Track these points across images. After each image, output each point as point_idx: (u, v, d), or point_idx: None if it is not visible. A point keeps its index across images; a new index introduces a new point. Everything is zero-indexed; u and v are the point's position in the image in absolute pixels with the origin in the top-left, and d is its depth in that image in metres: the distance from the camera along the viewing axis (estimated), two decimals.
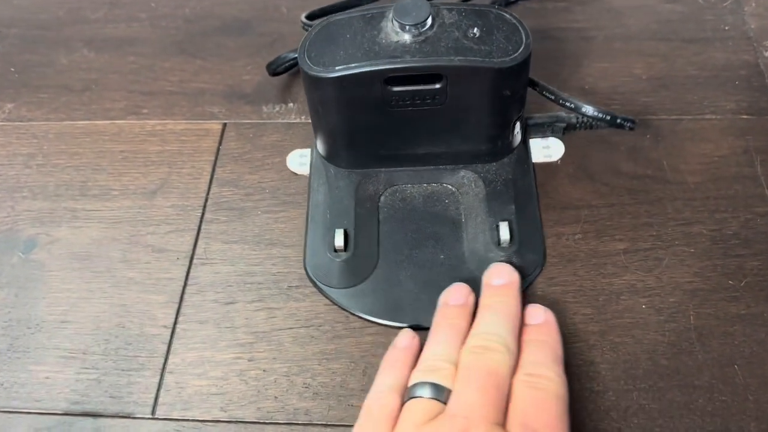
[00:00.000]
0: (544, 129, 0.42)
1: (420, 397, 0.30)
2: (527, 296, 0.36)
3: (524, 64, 0.34)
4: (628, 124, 0.39)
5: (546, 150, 0.41)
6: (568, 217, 0.39)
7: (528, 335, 0.33)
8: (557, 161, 0.41)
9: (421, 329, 0.35)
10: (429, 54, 0.34)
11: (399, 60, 0.34)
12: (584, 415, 0.33)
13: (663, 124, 0.43)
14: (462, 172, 0.40)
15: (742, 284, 0.36)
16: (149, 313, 0.37)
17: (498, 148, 0.39)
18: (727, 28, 0.48)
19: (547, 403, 0.30)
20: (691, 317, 0.35)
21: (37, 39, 0.52)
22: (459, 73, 0.34)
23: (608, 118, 0.39)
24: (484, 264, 0.37)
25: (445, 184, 0.40)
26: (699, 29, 0.48)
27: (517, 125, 0.39)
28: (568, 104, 0.38)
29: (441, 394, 0.30)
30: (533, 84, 0.38)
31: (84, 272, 0.39)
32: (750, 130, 0.42)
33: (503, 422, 0.29)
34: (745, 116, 0.43)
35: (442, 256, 0.37)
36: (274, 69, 0.46)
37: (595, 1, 0.50)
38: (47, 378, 0.36)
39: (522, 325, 0.33)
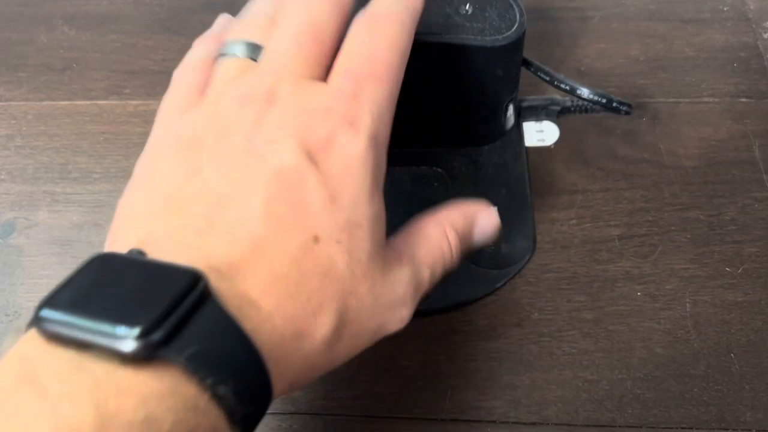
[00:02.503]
0: (538, 112, 0.40)
1: (232, 55, 0.27)
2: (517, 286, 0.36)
3: (518, 43, 0.33)
4: (624, 108, 0.38)
5: (540, 134, 0.40)
6: (563, 203, 0.38)
7: None
8: (551, 145, 0.40)
9: None
10: (419, 31, 0.32)
11: None
12: (577, 405, 0.32)
13: (660, 107, 0.42)
14: (452, 155, 0.39)
15: (739, 271, 0.35)
16: None
17: (490, 130, 0.38)
18: (726, 9, 0.47)
19: (386, 50, 0.26)
20: (687, 305, 0.34)
21: (16, 16, 0.50)
22: (449, 50, 0.33)
23: (604, 101, 0.38)
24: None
25: (434, 167, 0.39)
26: (698, 10, 0.47)
27: (510, 107, 0.38)
28: (563, 86, 0.37)
29: (256, 52, 0.26)
30: (527, 64, 0.37)
31: (64, 257, 0.38)
32: (749, 113, 0.41)
33: (323, 76, 0.26)
34: (743, 99, 0.42)
35: None
36: None
37: None
38: None
39: None
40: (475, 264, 0.36)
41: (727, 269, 0.35)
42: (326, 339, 0.23)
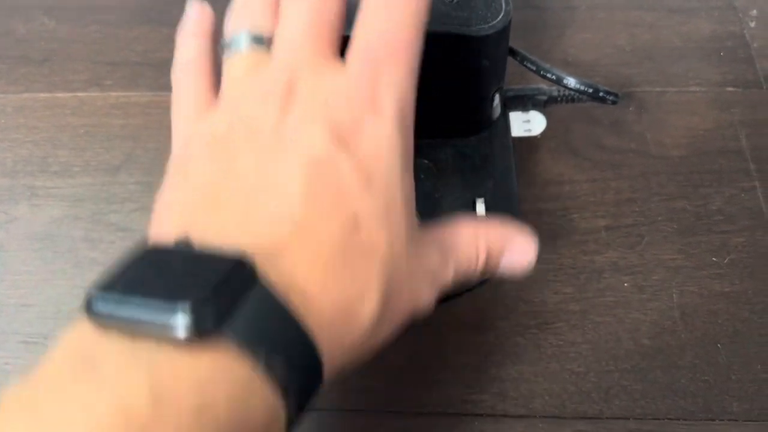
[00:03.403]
0: (525, 102, 0.40)
1: (236, 50, 0.27)
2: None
3: (504, 33, 0.33)
4: (611, 98, 0.38)
5: (526, 124, 0.40)
6: (549, 193, 0.38)
7: None
8: (538, 135, 0.40)
9: None
10: None
11: None
12: (564, 397, 0.32)
13: (647, 97, 0.41)
14: (438, 147, 0.38)
15: (725, 261, 0.35)
16: None
17: (476, 121, 0.38)
18: None
19: (397, 28, 0.25)
20: (674, 295, 0.34)
21: None
22: (435, 40, 0.32)
23: (591, 90, 0.38)
24: None
25: (420, 159, 0.38)
26: None
27: (497, 97, 0.37)
28: (549, 75, 0.37)
29: (260, 42, 0.27)
30: (513, 53, 0.37)
31: (45, 252, 0.38)
32: (735, 103, 0.41)
33: (336, 55, 0.26)
34: (730, 89, 0.42)
35: None
36: None
37: None
38: (7, 364, 0.34)
39: None
40: None
41: (714, 259, 0.35)
42: (373, 320, 0.23)
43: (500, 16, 0.32)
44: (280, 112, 0.25)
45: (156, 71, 0.45)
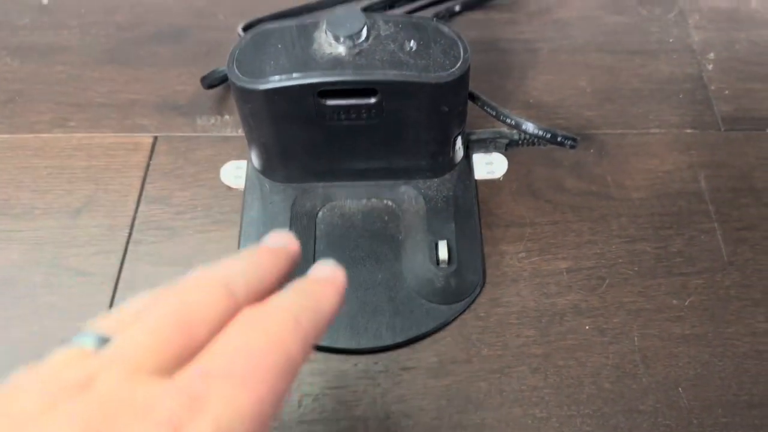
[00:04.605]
0: (487, 144, 0.40)
1: (74, 342, 0.20)
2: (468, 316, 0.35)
3: (462, 80, 0.33)
4: (569, 143, 0.39)
5: (489, 166, 0.40)
6: (512, 236, 0.38)
7: (294, 284, 0.24)
8: (500, 178, 0.40)
9: (358, 353, 0.34)
10: (363, 67, 0.32)
11: (331, 73, 0.32)
12: None
13: (607, 139, 0.42)
14: (402, 188, 0.38)
15: (686, 303, 0.36)
16: None
17: (439, 164, 0.38)
18: (671, 40, 0.47)
19: (263, 350, 0.20)
20: (636, 339, 0.34)
21: None
22: (394, 87, 0.32)
23: (549, 136, 0.38)
24: (422, 284, 0.35)
25: (385, 201, 0.39)
26: (644, 41, 0.47)
27: (459, 141, 0.37)
28: (508, 121, 0.37)
29: (102, 343, 0.20)
30: (474, 98, 0.37)
31: (3, 298, 0.37)
32: (694, 144, 0.42)
33: (172, 369, 0.19)
34: (689, 130, 0.42)
35: (379, 276, 0.36)
36: (209, 83, 0.44)
37: (542, 12, 0.49)
38: None
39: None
40: (425, 299, 0.35)
41: (674, 302, 0.36)
42: None
43: (459, 64, 0.33)
44: (47, 406, 0.18)
45: (119, 112, 0.44)
